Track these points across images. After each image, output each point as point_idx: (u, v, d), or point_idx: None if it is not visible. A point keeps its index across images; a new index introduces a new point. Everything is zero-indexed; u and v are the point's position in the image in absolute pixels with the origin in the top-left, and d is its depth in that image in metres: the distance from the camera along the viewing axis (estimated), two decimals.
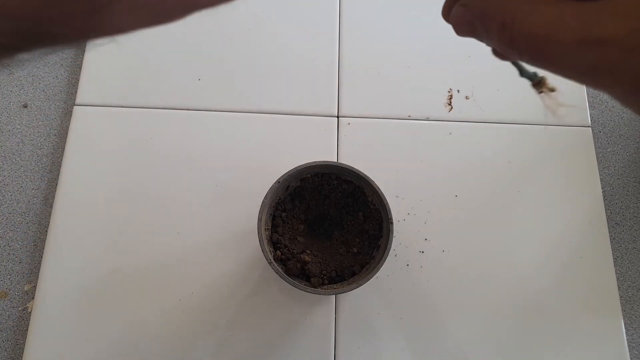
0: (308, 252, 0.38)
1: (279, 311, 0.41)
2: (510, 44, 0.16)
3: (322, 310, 0.41)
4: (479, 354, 0.41)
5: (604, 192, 0.47)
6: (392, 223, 0.36)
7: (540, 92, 0.21)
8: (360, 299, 0.42)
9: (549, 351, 0.41)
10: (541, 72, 0.19)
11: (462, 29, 0.19)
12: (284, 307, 0.41)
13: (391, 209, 0.37)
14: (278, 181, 0.37)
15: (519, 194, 0.46)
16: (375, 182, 0.37)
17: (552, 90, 0.20)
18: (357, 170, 0.38)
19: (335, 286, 0.36)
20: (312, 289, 0.35)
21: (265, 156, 0.46)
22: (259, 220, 0.36)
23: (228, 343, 0.40)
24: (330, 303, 0.42)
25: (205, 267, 0.42)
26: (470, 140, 0.48)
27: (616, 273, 0.44)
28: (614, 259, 0.45)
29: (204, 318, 0.41)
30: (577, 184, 0.47)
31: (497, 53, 0.21)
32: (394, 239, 0.36)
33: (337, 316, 0.41)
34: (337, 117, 0.48)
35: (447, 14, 0.19)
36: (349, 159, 0.46)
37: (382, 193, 0.37)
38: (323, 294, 0.36)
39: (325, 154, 0.46)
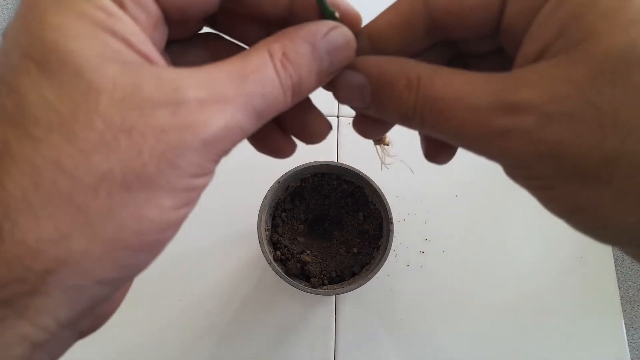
0: (308, 252, 0.38)
1: (279, 311, 0.41)
2: (413, 110, 0.15)
3: (322, 311, 0.41)
4: (478, 354, 0.41)
5: None
6: (392, 223, 0.36)
7: (376, 144, 0.25)
8: (361, 299, 0.42)
9: (549, 351, 0.41)
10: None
11: (349, 95, 0.17)
12: (284, 307, 0.41)
13: (391, 209, 0.37)
14: (278, 181, 0.37)
15: (519, 194, 0.46)
16: (375, 182, 0.37)
17: (387, 144, 0.24)
18: (357, 170, 0.38)
19: (335, 286, 0.36)
20: (312, 289, 0.35)
21: (265, 156, 0.46)
22: (259, 220, 0.36)
23: (228, 343, 0.40)
24: (330, 303, 0.42)
25: (205, 267, 0.42)
26: None
27: (616, 273, 0.44)
28: (614, 259, 0.45)
29: (204, 318, 0.41)
30: None
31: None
32: (394, 239, 0.36)
33: (337, 316, 0.41)
34: (337, 117, 0.48)
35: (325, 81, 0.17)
36: (349, 159, 0.46)
37: (382, 193, 0.37)
38: (323, 294, 0.36)
39: (325, 154, 0.46)
